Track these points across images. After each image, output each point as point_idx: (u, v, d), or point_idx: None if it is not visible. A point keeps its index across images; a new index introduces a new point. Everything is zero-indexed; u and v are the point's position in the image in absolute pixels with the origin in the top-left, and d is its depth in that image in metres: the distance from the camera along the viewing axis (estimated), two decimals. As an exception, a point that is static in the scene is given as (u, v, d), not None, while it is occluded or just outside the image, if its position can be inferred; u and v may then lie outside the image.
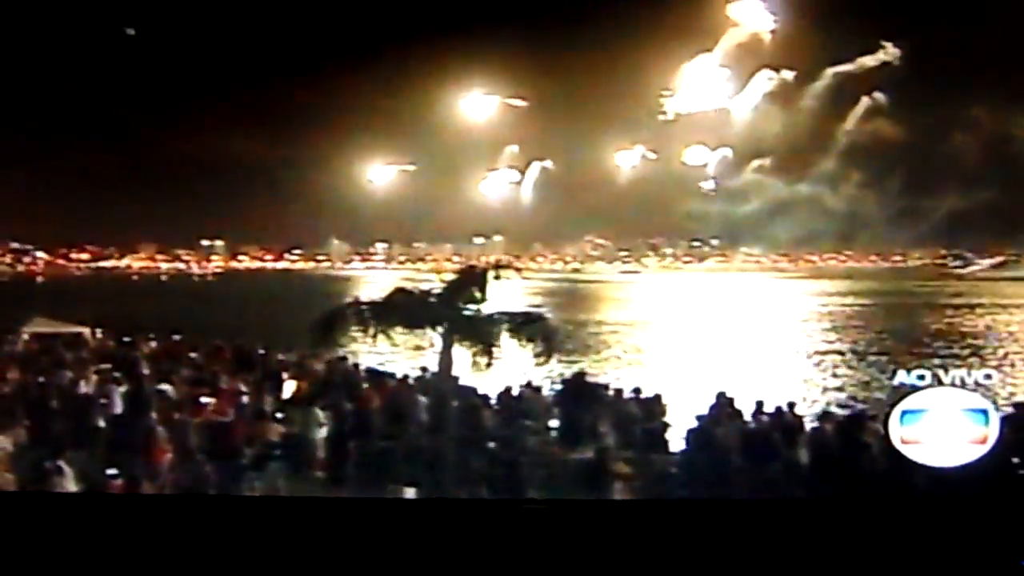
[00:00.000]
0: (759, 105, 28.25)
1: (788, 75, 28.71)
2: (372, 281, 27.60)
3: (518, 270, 15.07)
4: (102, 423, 13.95)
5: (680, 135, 29.10)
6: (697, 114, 28.84)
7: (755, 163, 28.59)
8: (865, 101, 27.42)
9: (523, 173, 28.92)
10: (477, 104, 27.94)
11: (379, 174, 27.48)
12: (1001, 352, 22.06)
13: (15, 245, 26.96)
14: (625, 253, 29.98)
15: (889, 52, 26.72)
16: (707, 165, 28.55)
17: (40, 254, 27.46)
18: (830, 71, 27.17)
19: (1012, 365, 21.00)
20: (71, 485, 10.81)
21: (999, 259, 29.05)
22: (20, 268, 27.07)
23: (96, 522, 8.89)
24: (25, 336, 21.07)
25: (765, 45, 28.41)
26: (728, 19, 28.40)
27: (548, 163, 28.59)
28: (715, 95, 28.46)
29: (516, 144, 28.26)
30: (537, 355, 13.61)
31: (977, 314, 26.20)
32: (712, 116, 28.79)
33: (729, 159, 28.38)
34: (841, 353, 22.87)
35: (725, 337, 24.71)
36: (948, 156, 27.01)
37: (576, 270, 29.73)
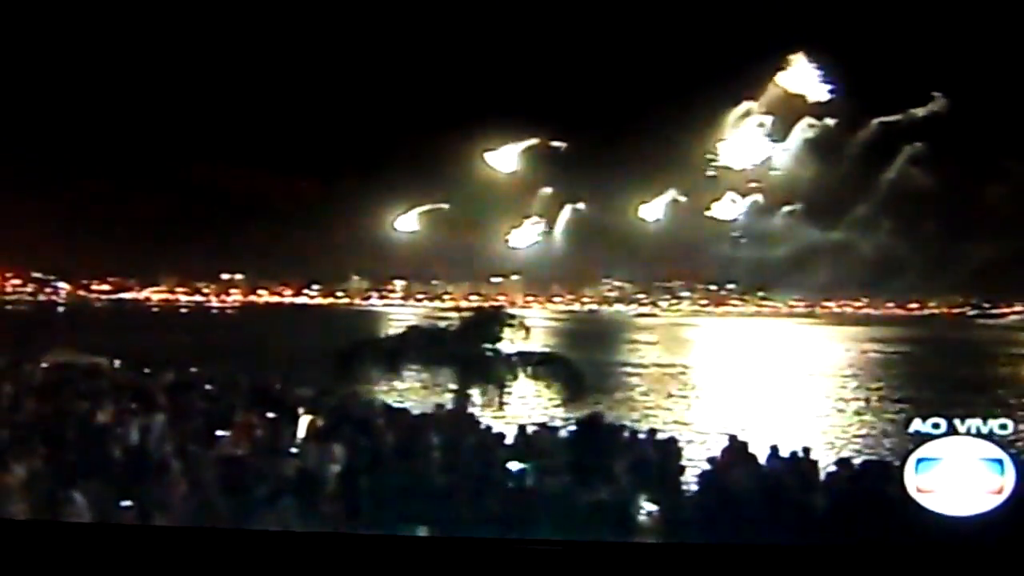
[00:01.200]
0: (796, 152, 28.31)
1: (830, 123, 28.69)
2: (390, 318, 27.71)
3: (526, 329, 15.09)
4: (117, 454, 13.99)
5: (713, 181, 29.17)
6: (733, 159, 28.93)
7: (786, 209, 28.62)
8: (907, 150, 27.40)
9: (544, 216, 29.06)
10: (506, 146, 28.14)
11: (405, 220, 27.70)
12: (1018, 401, 21.93)
13: (37, 275, 27.17)
14: (642, 296, 30.00)
15: (938, 103, 26.67)
16: (737, 210, 28.62)
17: (62, 285, 27.67)
18: (875, 121, 27.11)
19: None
20: (84, 515, 10.85)
21: (1020, 309, 28.91)
22: (42, 298, 27.29)
23: (108, 553, 8.93)
24: (44, 365, 21.20)
25: (808, 97, 28.44)
26: (775, 71, 28.41)
27: (578, 205, 28.68)
28: (754, 142, 28.53)
29: (544, 186, 28.37)
30: (565, 396, 13.62)
31: (999, 363, 26.05)
32: (748, 162, 28.87)
33: (760, 204, 28.43)
34: (856, 400, 22.81)
35: (740, 381, 24.68)
36: (980, 206, 26.92)
37: (593, 312, 29.77)
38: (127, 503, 11.24)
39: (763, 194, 28.75)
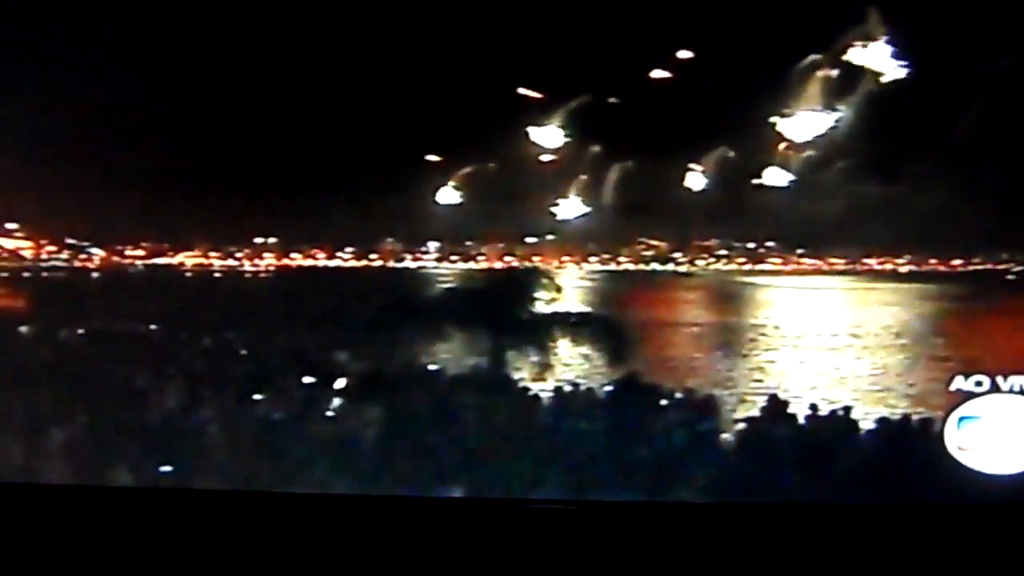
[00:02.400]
0: (860, 106, 27.84)
1: (900, 75, 28.16)
2: (424, 279, 27.67)
3: (558, 289, 14.96)
4: (156, 418, 14.11)
5: (767, 135, 28.79)
6: (789, 114, 28.49)
7: (840, 163, 28.27)
8: (979, 104, 26.79)
9: (589, 175, 28.90)
10: (549, 105, 27.93)
11: (427, 166, 27.58)
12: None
13: (71, 241, 27.32)
14: (679, 255, 29.77)
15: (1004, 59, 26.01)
16: (788, 165, 28.30)
17: (96, 250, 27.80)
18: (950, 72, 26.48)
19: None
20: (124, 479, 10.95)
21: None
22: (76, 264, 27.42)
23: (149, 516, 8.99)
24: (80, 331, 21.31)
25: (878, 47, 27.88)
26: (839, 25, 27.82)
27: (626, 163, 28.51)
28: (815, 100, 28.11)
29: (585, 144, 28.19)
30: (603, 356, 13.56)
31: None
32: (805, 117, 28.42)
33: (814, 158, 28.06)
34: (897, 357, 22.55)
35: (780, 340, 24.50)
36: None
37: (629, 271, 29.63)
38: (167, 467, 11.33)
39: (816, 150, 28.31)
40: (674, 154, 30.09)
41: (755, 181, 29.57)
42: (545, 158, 29.31)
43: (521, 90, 29.29)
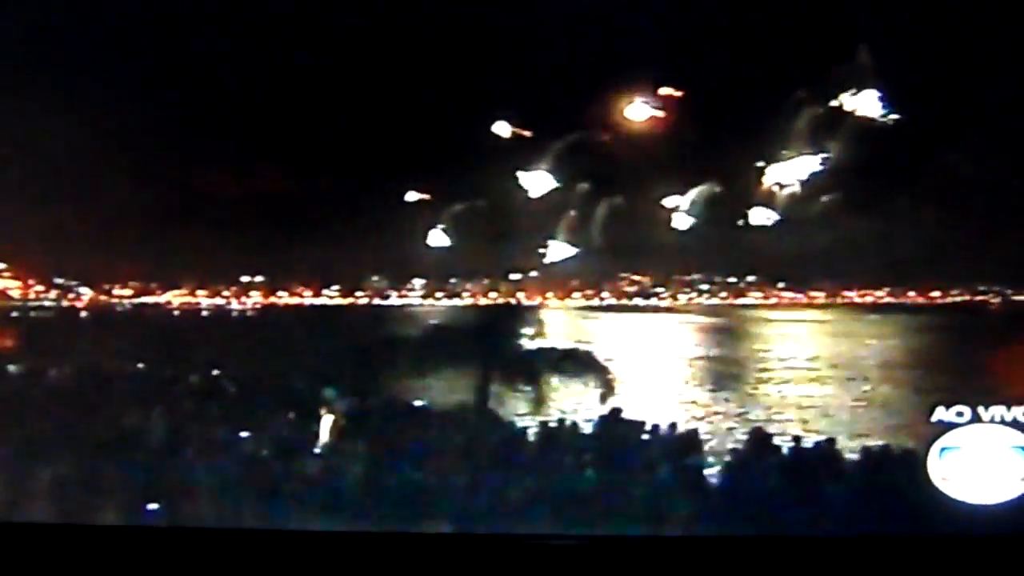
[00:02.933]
0: (841, 145, 27.99)
1: (879, 116, 28.28)
2: (410, 317, 27.71)
3: (542, 325, 15.04)
4: (143, 457, 14.09)
5: (750, 175, 28.88)
6: (772, 154, 28.58)
7: (825, 197, 28.38)
8: (965, 135, 26.92)
9: (579, 211, 28.92)
10: (506, 136, 27.98)
11: (413, 204, 27.64)
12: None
13: (60, 281, 27.31)
14: (661, 289, 29.87)
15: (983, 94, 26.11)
16: (773, 199, 28.40)
17: (84, 290, 27.80)
18: (943, 103, 26.58)
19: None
20: (112, 518, 10.95)
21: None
22: (64, 304, 27.41)
23: (136, 555, 9.00)
24: (68, 371, 21.29)
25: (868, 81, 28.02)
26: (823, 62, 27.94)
27: (614, 199, 28.56)
28: (801, 135, 28.21)
29: (571, 183, 28.24)
30: (588, 391, 13.63)
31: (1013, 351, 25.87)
32: (787, 157, 28.53)
33: (795, 196, 28.17)
34: (878, 389, 22.70)
35: (763, 372, 24.62)
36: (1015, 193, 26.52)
37: (612, 307, 29.69)
38: (154, 505, 11.34)
39: (797, 188, 28.45)
40: (657, 192, 30.35)
41: (739, 221, 29.83)
42: (532, 197, 29.54)
43: (510, 129, 29.54)
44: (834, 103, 28.11)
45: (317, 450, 14.34)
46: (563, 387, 14.51)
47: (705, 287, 29.76)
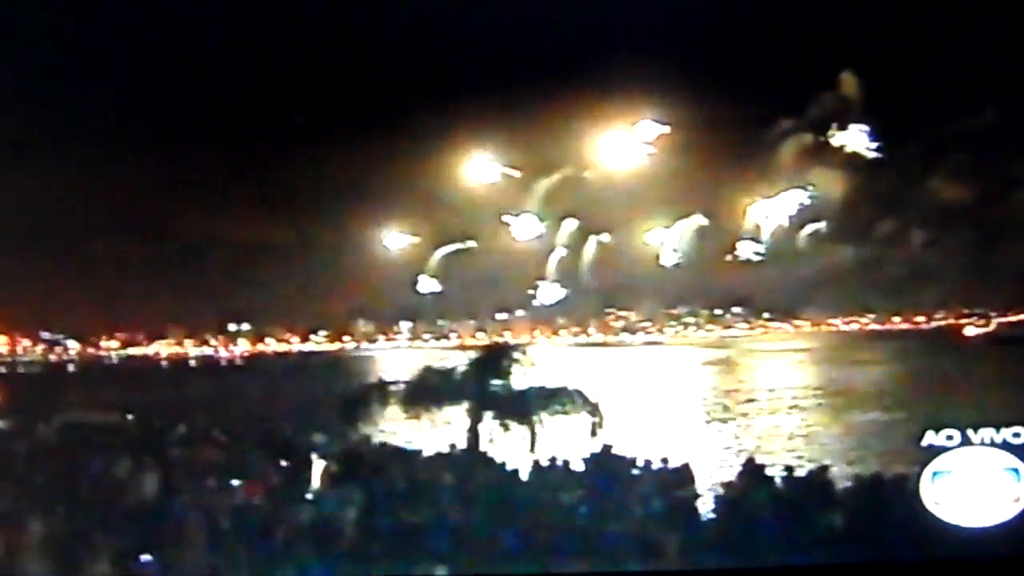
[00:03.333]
0: (829, 166, 28.15)
1: (865, 135, 28.43)
2: (398, 359, 27.72)
3: (531, 363, 15.01)
4: (134, 508, 14.02)
5: (737, 198, 29.00)
6: (755, 175, 28.70)
7: (810, 227, 28.53)
8: (949, 161, 27.11)
9: (554, 246, 28.95)
10: (501, 176, 28.08)
11: (395, 247, 27.68)
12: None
13: (46, 335, 27.28)
14: (647, 324, 29.96)
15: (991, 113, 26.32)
16: (760, 230, 28.54)
17: (71, 343, 27.78)
18: (930, 130, 26.79)
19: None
20: (104, 571, 10.87)
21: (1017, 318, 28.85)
22: (52, 358, 27.38)
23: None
24: (58, 424, 21.18)
25: (848, 105, 28.23)
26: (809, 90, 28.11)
27: (598, 236, 28.62)
28: (784, 163, 28.32)
29: (565, 216, 28.29)
30: (579, 429, 13.62)
31: (1009, 372, 26.00)
32: (771, 178, 28.65)
33: (782, 225, 28.32)
34: (868, 417, 22.76)
35: (753, 405, 24.66)
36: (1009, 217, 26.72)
37: (597, 343, 29.77)
38: (147, 557, 11.27)
39: (782, 221, 28.61)
40: (641, 228, 30.56)
41: (724, 254, 30.03)
42: (518, 238, 29.67)
43: (499, 170, 29.67)
44: (815, 137, 28.46)
45: (309, 496, 14.28)
46: (553, 424, 14.50)
47: (691, 320, 29.90)
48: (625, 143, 27.67)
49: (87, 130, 23.91)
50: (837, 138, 28.49)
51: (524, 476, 14.94)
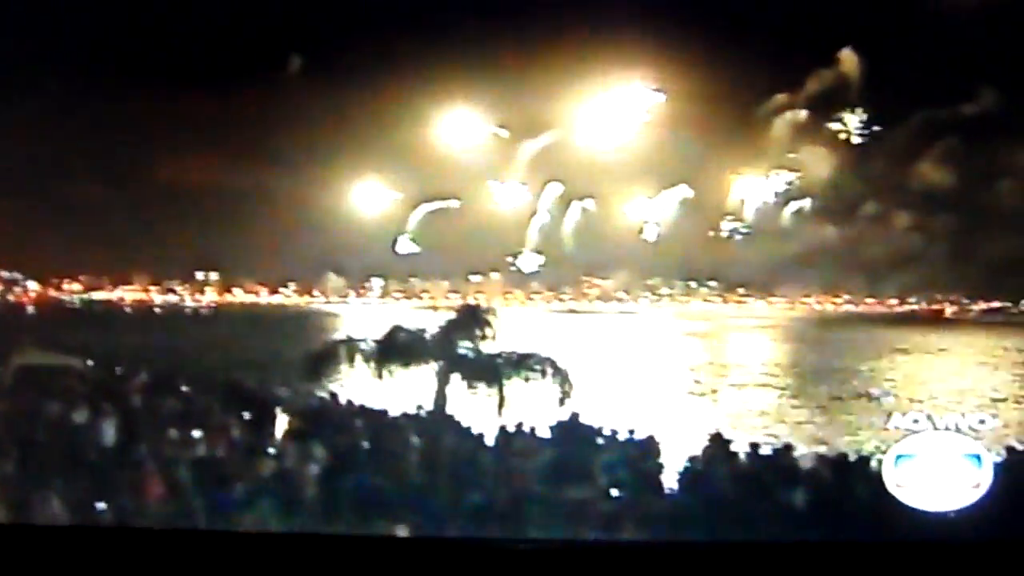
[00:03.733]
0: (824, 145, 28.05)
1: (864, 117, 28.33)
2: (368, 317, 27.53)
3: (498, 326, 14.89)
4: (92, 455, 13.85)
5: (724, 172, 28.89)
6: (744, 150, 28.62)
7: (795, 205, 28.51)
8: (941, 145, 27.07)
9: (534, 211, 28.76)
10: (478, 139, 27.82)
11: (370, 203, 27.40)
12: (996, 396, 22.01)
13: (5, 274, 26.84)
14: (622, 294, 29.92)
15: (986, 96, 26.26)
16: (743, 205, 28.47)
17: (31, 284, 27.35)
18: (921, 114, 26.73)
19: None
20: (59, 517, 10.72)
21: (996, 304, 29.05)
22: (10, 298, 26.96)
23: (85, 555, 8.81)
24: (15, 367, 20.90)
25: (850, 85, 28.10)
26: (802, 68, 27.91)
27: (587, 203, 28.42)
28: (770, 140, 28.23)
29: (550, 180, 28.06)
30: (548, 395, 13.56)
31: (977, 359, 26.21)
32: (760, 154, 28.54)
33: (769, 200, 28.25)
34: (836, 398, 22.86)
35: (720, 379, 24.70)
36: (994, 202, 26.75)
37: (572, 310, 29.72)
38: (102, 505, 11.12)
39: (764, 198, 28.56)
40: (623, 198, 30.41)
41: (704, 229, 29.98)
42: (498, 200, 29.45)
43: (488, 129, 29.38)
44: (809, 115, 28.37)
45: (271, 450, 14.16)
46: (521, 390, 14.43)
47: (665, 291, 29.90)
48: (617, 108, 27.44)
49: (53, 69, 23.43)
50: (831, 117, 28.40)
51: (490, 440, 14.90)
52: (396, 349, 13.72)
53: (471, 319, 14.02)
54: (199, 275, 31.23)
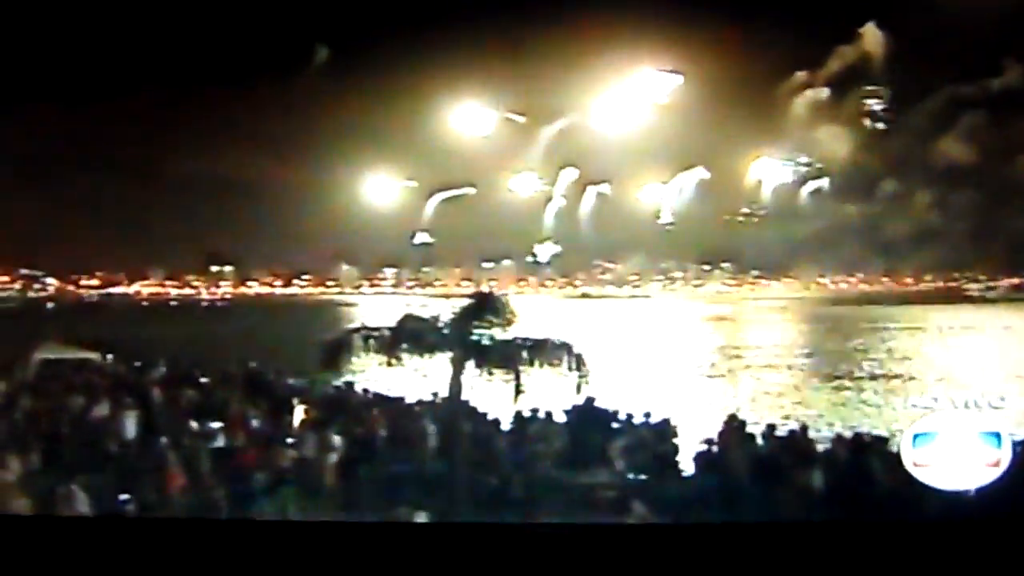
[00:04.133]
0: (843, 124, 27.88)
1: (886, 96, 28.11)
2: (382, 306, 27.58)
3: (513, 313, 14.83)
4: (114, 448, 13.96)
5: (741, 154, 28.76)
6: (763, 131, 28.47)
7: (813, 184, 28.41)
8: (965, 122, 26.90)
9: (553, 194, 28.66)
10: (492, 126, 27.72)
11: (384, 192, 27.38)
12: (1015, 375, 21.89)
13: (25, 272, 27.03)
14: (635, 277, 29.88)
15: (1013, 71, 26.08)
16: (761, 186, 28.37)
17: (50, 280, 27.54)
18: (949, 89, 26.55)
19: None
20: (83, 509, 10.81)
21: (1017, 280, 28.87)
22: (31, 294, 27.16)
23: (108, 546, 8.88)
24: (36, 362, 21.09)
25: (872, 64, 27.92)
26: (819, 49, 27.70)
27: (602, 187, 28.33)
28: (793, 114, 28.02)
29: (561, 166, 27.96)
30: (564, 381, 13.52)
31: (995, 337, 26.09)
32: (778, 135, 28.40)
33: (787, 181, 28.12)
34: (853, 376, 22.82)
35: (736, 361, 24.65)
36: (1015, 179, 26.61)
37: (586, 295, 29.70)
38: (125, 496, 11.21)
39: (794, 173, 28.39)
40: (635, 182, 30.32)
41: (724, 213, 29.85)
42: (512, 187, 29.34)
43: (502, 114, 29.30)
44: (830, 93, 28.18)
45: (290, 440, 14.24)
46: (536, 375, 14.44)
47: (679, 275, 29.82)
48: (633, 92, 27.33)
49: (71, 67, 23.51)
50: (850, 95, 28.22)
51: (505, 426, 14.94)
52: (409, 337, 13.72)
53: (485, 306, 14.00)
54: (214, 268, 31.35)
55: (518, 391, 13.13)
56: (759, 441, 13.97)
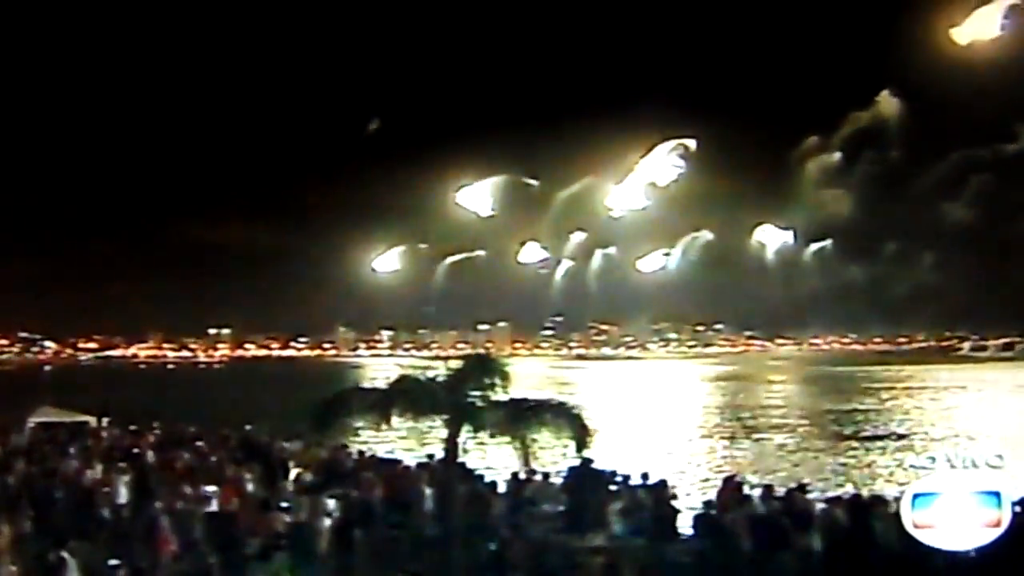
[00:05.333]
0: (847, 187, 28.51)
1: (892, 158, 28.76)
2: (378, 368, 27.63)
3: (508, 376, 14.78)
4: (106, 513, 13.84)
5: (746, 217, 29.25)
6: (776, 196, 28.98)
7: (816, 246, 28.84)
8: (973, 184, 27.68)
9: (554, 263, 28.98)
10: (486, 192, 28.11)
11: (383, 262, 27.63)
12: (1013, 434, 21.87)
13: (23, 335, 27.16)
14: (630, 339, 30.05)
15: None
16: (766, 248, 28.76)
17: (48, 343, 27.68)
18: (956, 155, 27.36)
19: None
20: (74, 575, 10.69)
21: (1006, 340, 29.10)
22: (28, 357, 27.27)
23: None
24: (31, 425, 21.04)
25: (886, 127, 28.61)
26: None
27: (609, 249, 28.62)
28: (801, 179, 28.60)
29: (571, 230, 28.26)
30: (561, 442, 13.43)
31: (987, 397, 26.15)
32: (785, 198, 28.91)
33: (790, 242, 28.59)
34: (851, 437, 22.85)
35: (730, 422, 24.69)
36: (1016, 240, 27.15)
37: (581, 356, 29.79)
38: (116, 562, 11.08)
39: (794, 236, 28.87)
40: (631, 245, 30.79)
41: (711, 273, 30.23)
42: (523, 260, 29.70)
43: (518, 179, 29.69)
44: (840, 158, 28.72)
45: (285, 504, 14.11)
46: (533, 437, 14.38)
47: (672, 336, 29.94)
48: (646, 159, 27.83)
49: (74, 133, 23.85)
50: (861, 160, 28.84)
51: (501, 488, 14.83)
52: (405, 399, 13.64)
53: (480, 368, 13.94)
54: (212, 331, 31.47)
55: (526, 456, 13.00)
56: (757, 503, 13.85)
